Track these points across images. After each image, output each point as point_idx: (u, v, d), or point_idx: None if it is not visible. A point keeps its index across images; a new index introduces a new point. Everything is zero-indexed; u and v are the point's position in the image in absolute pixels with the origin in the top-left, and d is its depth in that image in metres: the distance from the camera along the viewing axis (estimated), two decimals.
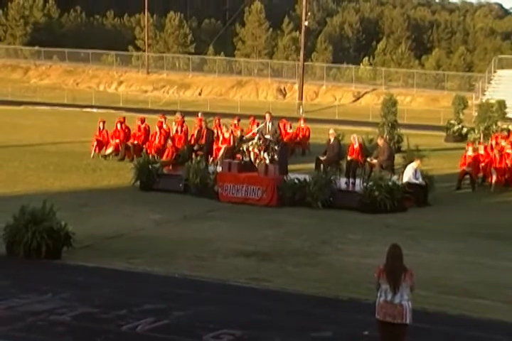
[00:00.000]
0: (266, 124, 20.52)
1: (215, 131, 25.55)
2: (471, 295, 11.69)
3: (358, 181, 20.40)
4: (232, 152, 22.22)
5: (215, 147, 24.57)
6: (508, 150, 23.56)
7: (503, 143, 24.84)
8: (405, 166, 20.10)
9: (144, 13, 76.74)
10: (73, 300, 10.85)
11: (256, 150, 19.83)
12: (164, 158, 23.88)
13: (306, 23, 58.22)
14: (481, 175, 23.04)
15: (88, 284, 11.82)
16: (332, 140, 22.18)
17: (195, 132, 24.69)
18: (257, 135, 20.23)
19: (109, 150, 26.71)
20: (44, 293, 11.16)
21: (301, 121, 31.28)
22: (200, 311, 10.53)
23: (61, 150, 28.64)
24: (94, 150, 26.81)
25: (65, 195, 19.08)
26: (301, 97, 57.83)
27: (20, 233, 12.99)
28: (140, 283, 12.01)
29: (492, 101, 36.50)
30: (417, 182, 19.42)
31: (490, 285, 12.28)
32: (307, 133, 30.34)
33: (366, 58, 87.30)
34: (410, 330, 8.16)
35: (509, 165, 22.68)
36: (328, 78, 68.39)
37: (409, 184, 19.20)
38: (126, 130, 27.15)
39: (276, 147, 19.75)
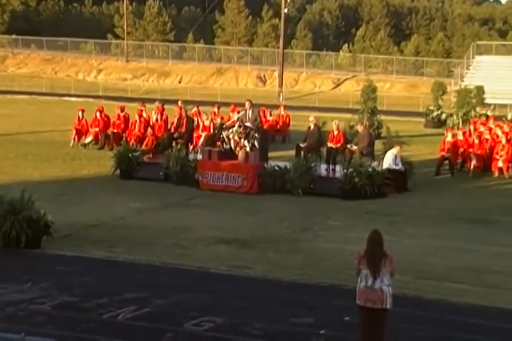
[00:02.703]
0: (246, 112, 20.47)
1: (195, 119, 25.48)
2: (449, 279, 11.78)
3: (338, 168, 20.42)
4: (212, 140, 22.17)
5: (195, 135, 24.51)
6: (487, 136, 23.71)
7: (481, 128, 24.97)
8: (385, 152, 20.16)
9: (123, 1, 76.26)
10: (53, 290, 10.83)
11: (236, 137, 19.81)
12: (144, 146, 23.81)
13: (286, 10, 58.08)
14: (459, 160, 23.16)
15: (68, 273, 11.79)
16: (312, 127, 22.17)
17: (175, 120, 24.60)
18: (237, 122, 20.19)
19: (89, 139, 26.59)
20: (24, 282, 11.12)
21: (281, 109, 31.28)
22: (180, 299, 10.54)
23: (40, 139, 28.46)
24: (74, 139, 26.67)
25: (44, 185, 18.97)
26: (281, 84, 57.74)
27: None
28: (121, 272, 12.00)
29: (470, 87, 36.66)
30: (396, 168, 19.50)
31: (468, 270, 12.37)
32: (287, 121, 30.36)
33: (346, 45, 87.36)
34: (390, 315, 8.21)
35: (487, 150, 22.82)
36: (308, 65, 68.39)
37: (389, 170, 19.26)
38: (106, 118, 27.02)
39: (256, 134, 19.73)
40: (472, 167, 22.38)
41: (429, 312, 10.14)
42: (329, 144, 21.69)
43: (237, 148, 19.79)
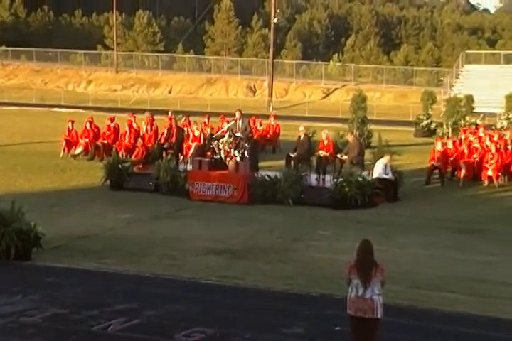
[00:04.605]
0: (236, 122, 20.50)
1: (185, 130, 25.50)
2: (440, 289, 11.78)
3: (328, 177, 20.44)
4: (202, 150, 22.17)
5: (185, 145, 24.52)
6: (476, 145, 23.77)
7: (471, 137, 25.05)
8: (375, 162, 20.19)
9: (113, 12, 76.34)
10: (43, 302, 10.78)
11: (226, 147, 19.82)
12: (134, 157, 23.79)
13: (275, 20, 58.28)
14: (449, 169, 23.22)
15: (58, 285, 11.75)
16: (302, 137, 22.21)
17: (165, 131, 24.61)
18: (228, 132, 20.20)
19: (79, 149, 26.56)
20: (14, 294, 11.07)
21: (271, 118, 31.36)
22: (171, 310, 10.51)
23: (30, 150, 28.41)
24: (64, 150, 26.64)
25: (35, 196, 18.92)
26: (270, 94, 57.90)
27: None
28: (111, 283, 11.96)
29: (460, 96, 36.85)
30: (386, 177, 19.52)
31: (459, 279, 12.38)
32: (277, 131, 30.43)
33: (335, 55, 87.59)
34: (383, 325, 8.20)
35: (477, 159, 22.89)
36: (298, 75, 68.52)
37: (379, 179, 19.29)
38: (96, 129, 27.03)
39: (246, 144, 19.74)
40: (462, 176, 22.44)
41: (421, 321, 10.13)
42: (320, 152, 21.73)
43: (228, 158, 19.80)
